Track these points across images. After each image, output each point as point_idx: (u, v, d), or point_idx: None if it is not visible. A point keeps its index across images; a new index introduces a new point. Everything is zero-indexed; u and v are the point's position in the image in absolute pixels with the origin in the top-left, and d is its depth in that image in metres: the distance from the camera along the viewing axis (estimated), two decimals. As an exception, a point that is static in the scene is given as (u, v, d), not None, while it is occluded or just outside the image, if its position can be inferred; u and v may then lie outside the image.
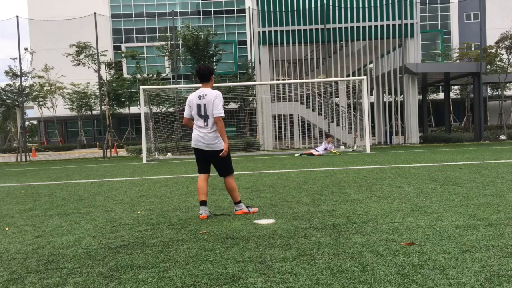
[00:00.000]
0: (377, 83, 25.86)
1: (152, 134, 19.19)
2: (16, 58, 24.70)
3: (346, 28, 22.39)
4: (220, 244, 3.63)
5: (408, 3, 22.33)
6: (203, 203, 4.88)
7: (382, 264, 2.94)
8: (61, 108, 42.62)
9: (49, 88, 39.82)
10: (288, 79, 27.49)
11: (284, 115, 24.07)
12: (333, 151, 16.80)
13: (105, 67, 25.72)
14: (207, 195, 4.97)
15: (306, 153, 16.41)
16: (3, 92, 34.02)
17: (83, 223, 4.79)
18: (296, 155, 16.55)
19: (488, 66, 26.97)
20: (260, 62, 23.42)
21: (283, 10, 22.32)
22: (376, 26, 22.38)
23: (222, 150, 4.86)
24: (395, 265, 2.90)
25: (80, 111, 41.55)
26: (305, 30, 22.39)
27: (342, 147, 20.76)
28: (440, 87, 37.64)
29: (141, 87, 18.07)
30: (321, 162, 12.43)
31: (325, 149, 16.57)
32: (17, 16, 22.37)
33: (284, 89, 23.24)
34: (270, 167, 11.41)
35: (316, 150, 16.47)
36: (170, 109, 29.66)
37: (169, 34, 32.63)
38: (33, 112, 48.64)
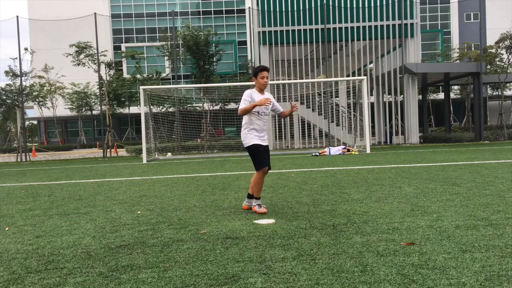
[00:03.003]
0: (377, 83, 25.86)
1: (152, 134, 19.19)
2: (16, 58, 24.70)
3: (346, 28, 22.39)
4: (220, 244, 3.63)
5: (408, 3, 22.33)
6: (250, 196, 5.20)
7: (382, 264, 2.94)
8: (61, 108, 42.63)
9: (49, 88, 39.82)
10: (288, 79, 27.48)
11: (284, 115, 24.02)
12: (352, 152, 16.76)
13: (105, 67, 25.71)
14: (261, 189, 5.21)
15: (321, 153, 16.36)
16: (3, 92, 33.99)
17: (83, 223, 4.79)
18: (313, 154, 16.41)
19: (488, 66, 26.95)
20: (260, 62, 23.42)
21: (283, 10, 22.32)
22: (376, 26, 22.39)
23: (249, 146, 5.10)
24: (395, 265, 2.90)
25: (80, 111, 41.56)
26: (305, 30, 22.39)
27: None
28: (440, 87, 37.64)
29: (141, 87, 18.07)
30: (321, 162, 12.43)
31: (343, 148, 16.72)
32: (17, 16, 22.38)
33: (284, 89, 23.24)
34: (270, 167, 11.39)
35: (330, 149, 16.59)
36: (170, 109, 29.65)
37: (169, 34, 32.63)
38: (33, 112, 48.65)
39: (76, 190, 7.95)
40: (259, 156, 5.10)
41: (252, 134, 5.12)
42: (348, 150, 16.77)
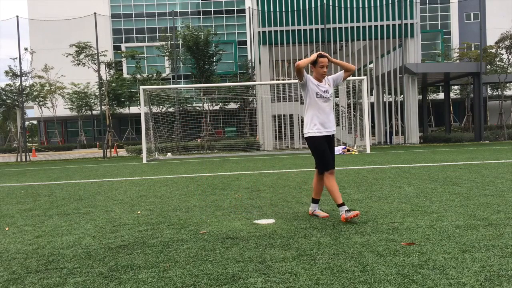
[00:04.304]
0: (377, 83, 25.86)
1: (152, 134, 19.19)
2: (16, 58, 24.72)
3: (346, 28, 22.39)
4: (220, 244, 3.63)
5: (408, 3, 22.33)
6: (314, 201, 4.68)
7: (382, 264, 2.94)
8: (61, 108, 42.63)
9: (49, 88, 39.83)
10: (288, 79, 27.47)
11: (284, 115, 24.07)
12: (352, 152, 16.75)
13: (105, 67, 25.71)
14: (319, 193, 4.71)
15: None
16: (3, 92, 34.01)
17: (83, 223, 4.79)
18: None
19: (488, 66, 26.96)
20: (260, 62, 23.42)
21: (283, 10, 22.32)
22: (376, 26, 22.39)
23: (307, 137, 4.53)
24: (395, 265, 2.90)
25: (80, 111, 41.57)
26: (305, 30, 22.39)
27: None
28: (440, 87, 37.64)
29: (141, 87, 18.07)
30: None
31: (343, 148, 16.70)
32: (17, 16, 22.38)
33: (284, 89, 23.24)
34: (270, 167, 11.41)
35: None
36: (170, 109, 29.66)
37: (169, 34, 32.65)
38: (33, 112, 48.65)
39: (76, 190, 7.95)
40: (320, 153, 4.44)
41: (313, 123, 4.47)
42: (348, 150, 16.77)
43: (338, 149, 16.70)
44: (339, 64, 4.65)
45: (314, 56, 4.47)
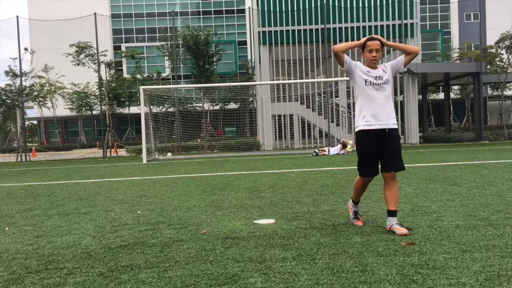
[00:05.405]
0: (377, 83, 25.83)
1: (152, 134, 19.19)
2: (16, 58, 24.72)
3: (346, 28, 22.39)
4: (220, 244, 3.63)
5: (408, 3, 22.34)
6: (390, 213, 3.90)
7: (382, 264, 2.94)
8: (61, 108, 42.63)
9: (49, 88, 39.83)
10: (288, 79, 27.47)
11: (284, 115, 24.06)
12: (348, 148, 16.75)
13: (105, 67, 25.71)
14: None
15: (321, 152, 16.29)
16: (3, 92, 34.03)
17: (83, 223, 4.79)
18: (314, 154, 16.35)
19: (488, 66, 26.97)
20: (260, 62, 23.43)
21: (283, 10, 22.33)
22: (376, 26, 22.39)
23: (356, 133, 4.03)
24: (395, 265, 2.90)
25: (80, 111, 41.57)
26: (305, 30, 22.39)
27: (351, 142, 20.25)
28: (440, 87, 37.64)
29: (141, 87, 18.07)
30: (321, 162, 12.44)
31: (341, 149, 16.66)
32: (17, 16, 22.37)
33: (284, 89, 23.23)
34: (270, 167, 11.41)
35: (329, 149, 16.51)
36: (170, 109, 29.66)
37: (169, 34, 32.65)
38: (33, 112, 48.65)
39: (76, 190, 7.95)
40: (362, 154, 3.97)
41: (361, 115, 3.95)
42: (345, 146, 16.69)
43: (336, 149, 16.61)
44: (397, 48, 4.15)
45: (362, 40, 4.01)
